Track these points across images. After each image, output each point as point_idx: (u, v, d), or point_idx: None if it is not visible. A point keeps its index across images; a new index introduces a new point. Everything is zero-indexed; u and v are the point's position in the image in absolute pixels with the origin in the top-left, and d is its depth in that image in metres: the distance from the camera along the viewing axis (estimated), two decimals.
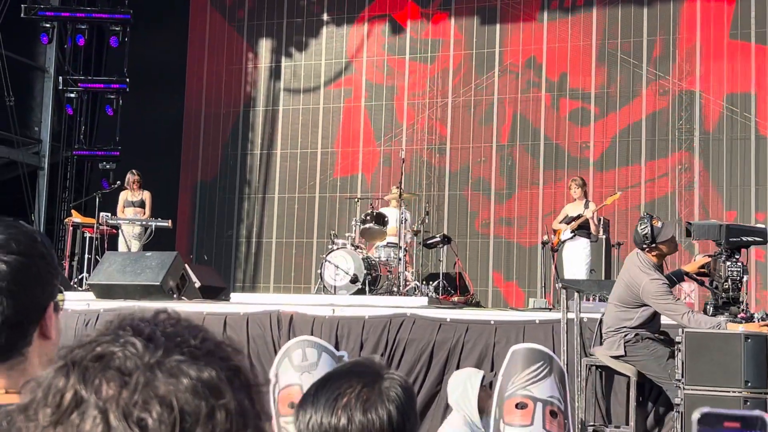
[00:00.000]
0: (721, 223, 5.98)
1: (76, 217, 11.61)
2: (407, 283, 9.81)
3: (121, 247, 11.03)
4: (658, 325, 6.19)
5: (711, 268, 5.96)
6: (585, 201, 10.06)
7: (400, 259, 9.78)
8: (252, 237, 14.76)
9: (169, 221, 11.15)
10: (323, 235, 13.41)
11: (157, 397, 0.74)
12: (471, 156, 13.74)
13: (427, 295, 9.52)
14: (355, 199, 12.45)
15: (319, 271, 9.78)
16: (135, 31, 14.62)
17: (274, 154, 14.83)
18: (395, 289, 9.64)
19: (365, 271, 9.36)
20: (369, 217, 10.06)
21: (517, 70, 13.62)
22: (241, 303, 8.58)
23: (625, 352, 6.05)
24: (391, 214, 10.32)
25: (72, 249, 11.63)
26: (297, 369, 4.90)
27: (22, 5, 13.96)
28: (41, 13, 14.14)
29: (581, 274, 9.68)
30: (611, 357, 6.13)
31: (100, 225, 10.96)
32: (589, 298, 8.16)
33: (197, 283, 9.68)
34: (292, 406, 4.76)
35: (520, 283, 13.13)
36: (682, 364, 5.45)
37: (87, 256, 11.19)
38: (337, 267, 9.40)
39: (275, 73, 15.01)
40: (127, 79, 14.51)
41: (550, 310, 8.27)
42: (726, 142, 12.53)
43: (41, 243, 1.42)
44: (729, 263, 5.73)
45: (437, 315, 7.47)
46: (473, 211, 13.62)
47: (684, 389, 5.40)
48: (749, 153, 12.42)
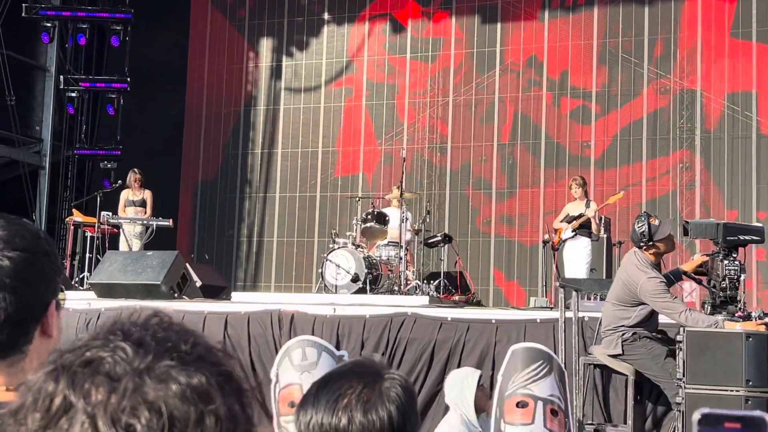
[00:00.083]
0: (719, 222, 5.98)
1: (77, 217, 11.62)
2: (408, 282, 9.80)
3: (122, 246, 11.03)
4: (656, 324, 6.18)
5: (709, 267, 5.96)
6: (586, 200, 10.06)
7: (401, 258, 9.77)
8: (253, 236, 14.76)
9: (170, 220, 11.16)
10: (324, 234, 13.41)
11: (146, 402, 0.74)
12: (472, 155, 13.74)
13: (428, 294, 9.51)
14: (356, 199, 12.44)
15: (320, 270, 9.77)
16: (136, 31, 14.62)
17: (275, 153, 14.83)
18: (396, 288, 9.64)
19: (366, 270, 9.35)
20: (370, 216, 10.06)
21: (518, 68, 13.62)
22: (242, 302, 8.58)
23: (622, 351, 6.04)
24: (392, 213, 10.32)
25: (73, 248, 11.63)
26: (297, 368, 4.90)
27: (23, 4, 13.95)
28: (42, 12, 14.13)
29: (582, 273, 9.68)
30: (609, 356, 6.13)
31: (101, 224, 10.97)
32: (590, 297, 8.16)
33: (198, 283, 9.68)
34: (293, 405, 4.76)
35: (521, 282, 13.13)
36: (684, 363, 5.45)
37: (88, 255, 11.19)
38: (338, 266, 9.40)
39: (276, 72, 15.01)
40: (128, 79, 14.50)
41: (551, 309, 8.25)
42: (727, 140, 12.53)
43: (44, 240, 1.42)
44: (726, 262, 5.72)
45: (438, 314, 7.47)
46: (474, 210, 13.62)
47: (685, 388, 5.40)
48: (750, 152, 12.41)
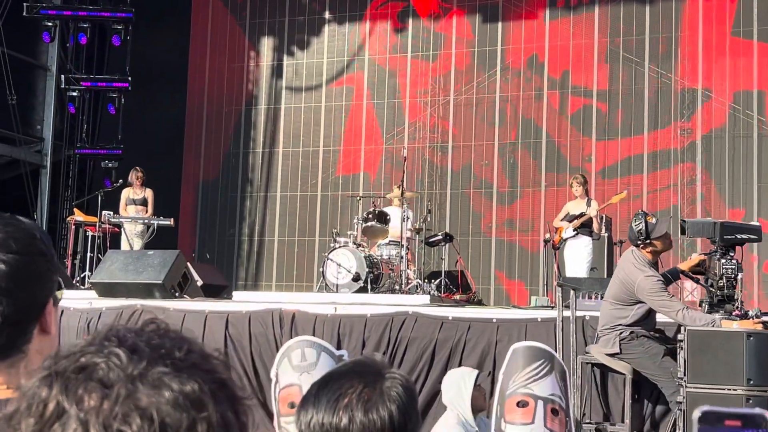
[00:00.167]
0: (716, 221, 5.98)
1: (79, 216, 11.62)
2: (409, 281, 9.79)
3: (124, 245, 11.03)
4: (654, 323, 6.19)
5: (706, 265, 5.96)
6: (587, 199, 10.05)
7: (402, 257, 9.77)
8: (254, 235, 14.76)
9: (171, 219, 11.16)
10: (325, 234, 13.41)
11: (138, 409, 0.75)
12: (473, 154, 13.73)
13: (429, 293, 9.51)
14: (357, 198, 12.43)
15: (321, 269, 9.76)
16: (137, 30, 14.61)
17: (276, 152, 14.83)
18: (397, 287, 9.63)
19: (367, 269, 9.35)
20: (371, 215, 10.06)
21: (519, 68, 13.61)
22: (243, 301, 8.58)
23: (620, 349, 6.04)
24: (393, 212, 10.31)
25: (74, 247, 11.63)
26: (296, 369, 4.90)
27: (24, 4, 13.95)
28: (43, 11, 14.13)
29: (583, 272, 9.67)
30: (607, 355, 6.13)
31: (103, 223, 10.97)
32: (591, 296, 8.15)
33: (199, 282, 9.68)
34: (293, 406, 4.76)
35: (523, 281, 13.13)
36: (685, 362, 5.45)
37: (89, 254, 11.20)
38: (339, 265, 9.40)
39: (277, 71, 15.00)
40: (129, 78, 14.50)
41: (552, 308, 8.25)
42: (728, 139, 12.52)
43: (40, 240, 1.41)
44: (724, 261, 5.73)
45: (439, 313, 7.46)
46: (475, 209, 13.62)
47: (686, 387, 5.40)
48: (752, 151, 12.41)
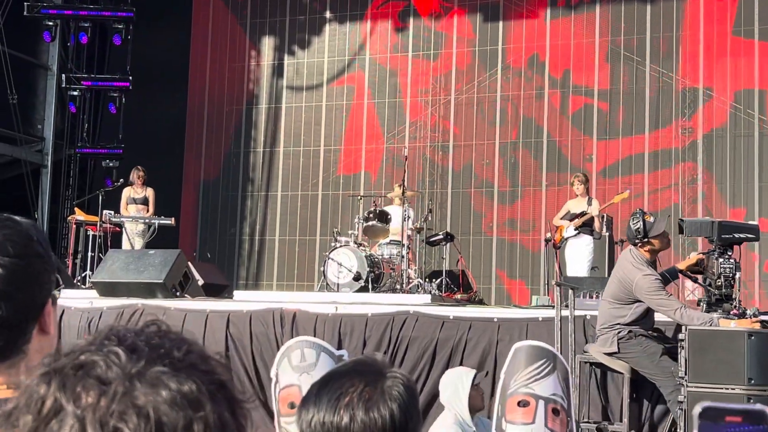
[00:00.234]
0: (713, 220, 5.99)
1: (80, 215, 11.62)
2: (410, 280, 9.80)
3: (125, 244, 11.03)
4: (652, 322, 6.19)
5: (705, 265, 5.96)
6: (588, 198, 10.03)
7: (403, 256, 9.77)
8: (255, 234, 14.76)
9: (172, 219, 11.17)
10: (326, 233, 13.41)
11: (135, 407, 0.75)
12: (474, 154, 13.73)
13: (430, 292, 9.51)
14: (358, 197, 12.42)
15: (322, 268, 9.77)
16: (138, 30, 14.61)
17: (277, 151, 14.83)
18: (398, 286, 9.64)
19: (368, 268, 9.35)
20: (372, 215, 10.06)
21: (520, 67, 13.60)
22: (244, 301, 8.58)
23: (618, 349, 6.04)
24: (394, 211, 10.32)
25: (75, 247, 11.64)
26: (296, 370, 4.90)
27: (25, 3, 13.94)
28: (44, 11, 14.13)
29: (584, 271, 9.66)
30: (605, 354, 6.13)
31: (103, 223, 10.97)
32: (593, 296, 8.15)
33: (200, 281, 9.69)
34: (293, 406, 4.76)
35: (525, 280, 13.12)
36: (686, 361, 5.45)
37: (90, 253, 11.20)
38: (340, 264, 9.40)
39: (278, 70, 15.00)
40: (130, 77, 14.50)
41: (553, 307, 8.24)
42: (730, 139, 12.51)
43: (37, 241, 1.41)
44: (722, 260, 5.73)
45: (440, 312, 7.46)
46: (476, 208, 13.61)
47: (687, 386, 5.40)
48: (753, 150, 12.39)
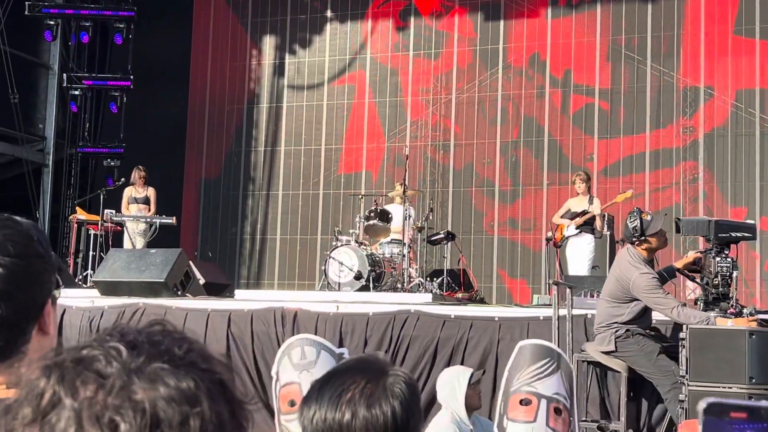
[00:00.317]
0: (710, 219, 6.00)
1: (81, 215, 11.63)
2: (411, 279, 9.80)
3: (126, 244, 11.04)
4: (649, 321, 6.20)
5: (702, 263, 5.97)
6: (589, 197, 10.01)
7: (404, 255, 9.77)
8: (256, 234, 14.77)
9: (173, 218, 11.17)
10: (327, 232, 13.41)
11: (132, 401, 0.75)
12: (475, 152, 13.73)
13: (431, 291, 9.52)
14: (359, 196, 12.43)
15: (323, 267, 9.77)
16: (139, 29, 14.61)
17: (278, 151, 14.83)
18: (399, 285, 9.64)
19: (369, 267, 9.35)
20: (373, 214, 10.06)
21: (521, 66, 13.60)
22: (245, 300, 8.59)
23: (615, 347, 6.05)
24: (395, 210, 10.32)
25: (76, 246, 11.65)
26: (296, 367, 4.90)
27: (27, 2, 13.94)
28: (45, 10, 14.13)
29: (585, 270, 9.65)
30: (602, 352, 6.14)
31: (105, 222, 10.98)
32: (594, 295, 8.15)
33: (201, 280, 9.70)
34: (293, 404, 4.77)
35: (526, 279, 13.12)
36: (687, 360, 5.45)
37: (91, 253, 11.21)
38: (341, 264, 9.40)
39: (279, 69, 15.00)
40: (131, 77, 14.50)
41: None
42: (731, 138, 12.50)
43: (37, 241, 1.41)
44: (719, 259, 5.73)
45: (441, 311, 7.47)
46: (477, 207, 13.61)
47: (688, 385, 5.40)
48: (754, 149, 12.39)
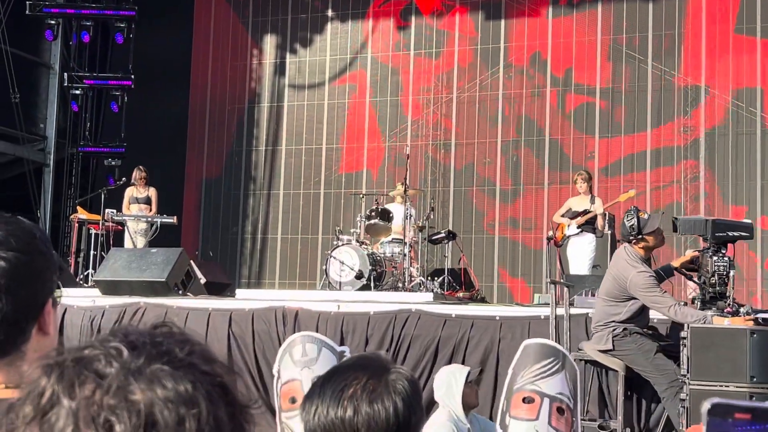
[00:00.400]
0: (707, 218, 6.00)
1: (82, 214, 11.64)
2: (412, 278, 9.80)
3: (127, 243, 11.05)
4: (647, 320, 6.20)
5: (699, 262, 5.97)
6: (590, 196, 10.00)
7: (405, 254, 9.77)
8: (257, 233, 14.77)
9: (174, 217, 11.17)
10: (328, 231, 13.42)
11: (128, 402, 0.76)
12: (476, 152, 13.73)
13: (432, 290, 9.51)
14: (360, 195, 12.43)
15: (324, 267, 9.77)
16: (140, 28, 14.62)
17: (279, 150, 14.83)
18: (400, 284, 9.64)
19: (370, 266, 9.35)
20: (374, 213, 10.06)
21: (522, 65, 13.60)
22: (246, 299, 8.59)
23: (613, 346, 6.05)
24: (396, 210, 10.32)
25: (77, 245, 11.65)
26: (297, 364, 4.91)
27: (27, 2, 13.95)
28: (46, 9, 14.13)
29: (586, 269, 9.64)
30: (599, 351, 6.14)
31: (106, 221, 10.99)
32: (594, 294, 8.14)
33: (202, 280, 9.69)
34: (294, 401, 4.77)
35: (527, 279, 13.12)
36: (688, 359, 5.45)
37: (92, 252, 11.21)
38: (342, 263, 9.40)
39: (280, 69, 15.01)
40: (132, 76, 14.51)
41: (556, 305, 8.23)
42: (731, 136, 12.50)
43: (39, 239, 1.41)
44: (716, 258, 5.73)
45: (442, 311, 7.47)
46: (478, 207, 13.61)
47: (689, 384, 5.40)
48: (755, 148, 12.39)
